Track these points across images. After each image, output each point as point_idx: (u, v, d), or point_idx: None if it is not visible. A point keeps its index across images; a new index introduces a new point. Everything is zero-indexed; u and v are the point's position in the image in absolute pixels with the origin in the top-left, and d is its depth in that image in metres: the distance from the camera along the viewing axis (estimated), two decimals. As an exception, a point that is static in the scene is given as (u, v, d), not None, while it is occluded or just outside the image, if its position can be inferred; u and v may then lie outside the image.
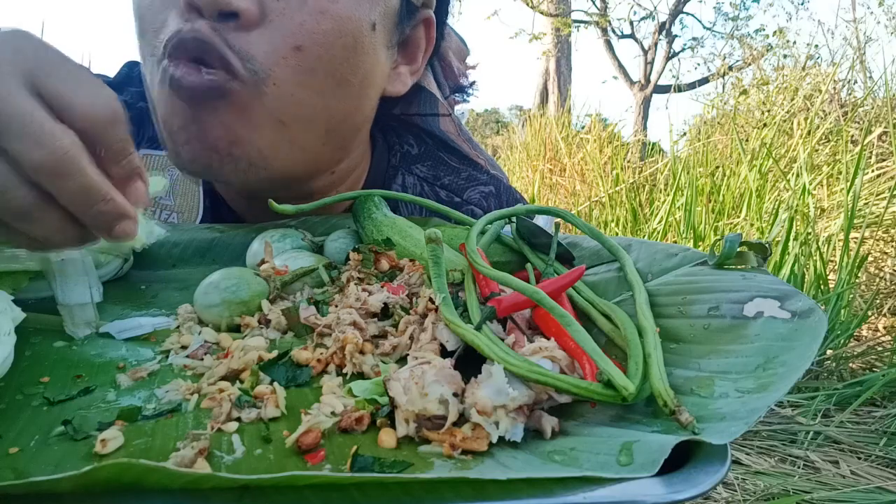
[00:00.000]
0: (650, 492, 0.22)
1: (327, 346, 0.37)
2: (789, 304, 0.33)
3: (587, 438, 0.27)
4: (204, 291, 0.42)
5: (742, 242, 0.39)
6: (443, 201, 0.68)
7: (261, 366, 0.34)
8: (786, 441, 1.39)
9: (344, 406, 0.30)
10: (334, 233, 0.56)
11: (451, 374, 0.30)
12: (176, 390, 0.32)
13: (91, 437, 0.27)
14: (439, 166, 0.70)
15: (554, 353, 0.32)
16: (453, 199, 0.69)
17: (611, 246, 0.45)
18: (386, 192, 0.58)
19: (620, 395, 0.28)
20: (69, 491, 0.21)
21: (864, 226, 2.01)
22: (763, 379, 0.28)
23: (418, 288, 0.44)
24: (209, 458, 0.26)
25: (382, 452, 0.27)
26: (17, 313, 0.37)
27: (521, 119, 5.06)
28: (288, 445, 0.27)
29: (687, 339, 0.35)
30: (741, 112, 3.31)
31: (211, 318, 0.42)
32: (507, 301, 0.36)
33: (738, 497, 1.17)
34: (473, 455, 0.26)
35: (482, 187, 0.70)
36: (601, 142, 3.70)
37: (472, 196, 0.69)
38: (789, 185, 2.31)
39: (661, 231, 2.70)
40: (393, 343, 0.37)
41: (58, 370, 0.35)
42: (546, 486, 0.22)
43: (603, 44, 6.79)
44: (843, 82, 2.95)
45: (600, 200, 3.16)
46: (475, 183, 0.70)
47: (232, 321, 0.41)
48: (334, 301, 0.44)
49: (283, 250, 0.50)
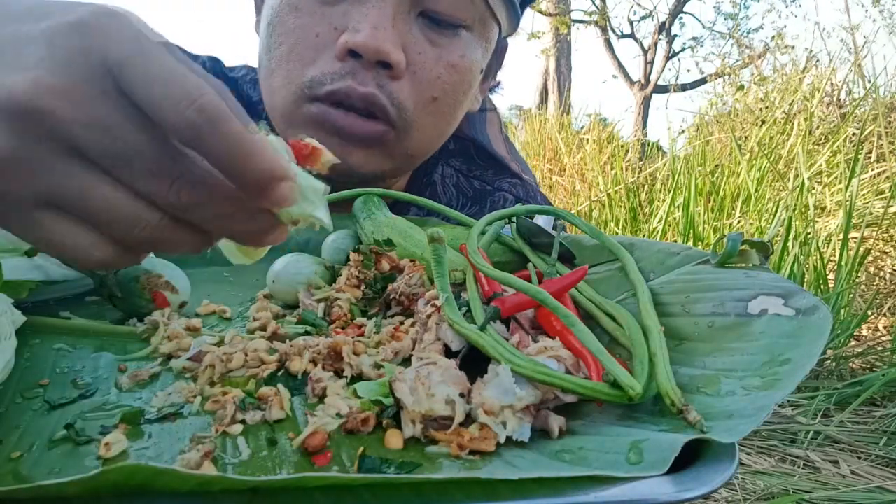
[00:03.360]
0: (660, 490, 0.22)
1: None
2: (793, 301, 0.32)
3: (595, 437, 0.27)
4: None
5: (744, 241, 0.39)
6: (476, 189, 0.77)
7: (264, 380, 0.34)
8: (786, 441, 1.39)
9: (349, 407, 0.30)
10: (333, 233, 0.55)
11: (457, 375, 0.30)
12: (178, 393, 0.32)
13: (94, 440, 0.27)
14: (471, 162, 0.79)
15: (559, 353, 0.32)
16: (485, 188, 0.77)
17: (611, 245, 0.45)
18: (386, 191, 0.58)
19: (627, 395, 0.28)
20: (76, 495, 0.21)
21: (864, 225, 2.02)
22: (769, 376, 0.28)
23: (419, 288, 0.44)
24: (214, 460, 0.25)
25: (389, 453, 0.27)
26: (17, 316, 0.37)
27: (520, 119, 5.06)
28: (294, 447, 0.27)
29: (691, 337, 0.35)
30: (739, 110, 3.32)
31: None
32: (510, 301, 0.36)
33: (739, 497, 1.17)
34: (481, 455, 0.26)
35: (510, 178, 0.78)
36: (601, 141, 3.71)
37: (502, 185, 0.77)
38: (786, 185, 2.31)
39: (660, 231, 2.70)
40: (395, 348, 0.37)
41: (57, 373, 0.34)
42: (556, 486, 0.22)
43: (603, 43, 6.80)
44: (841, 83, 2.96)
45: (600, 200, 3.16)
46: (503, 176, 0.79)
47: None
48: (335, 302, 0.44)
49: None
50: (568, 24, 6.43)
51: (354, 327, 0.41)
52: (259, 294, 0.48)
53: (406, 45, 0.56)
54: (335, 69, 0.55)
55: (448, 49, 0.59)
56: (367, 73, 0.55)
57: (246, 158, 0.25)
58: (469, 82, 0.62)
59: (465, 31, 0.59)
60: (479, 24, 0.60)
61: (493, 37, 0.63)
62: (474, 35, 0.60)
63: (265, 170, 0.25)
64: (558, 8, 6.36)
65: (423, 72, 0.57)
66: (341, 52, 0.54)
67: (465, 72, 0.60)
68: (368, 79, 0.55)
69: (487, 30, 0.62)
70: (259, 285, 0.51)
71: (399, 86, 0.57)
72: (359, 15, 0.54)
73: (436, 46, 0.58)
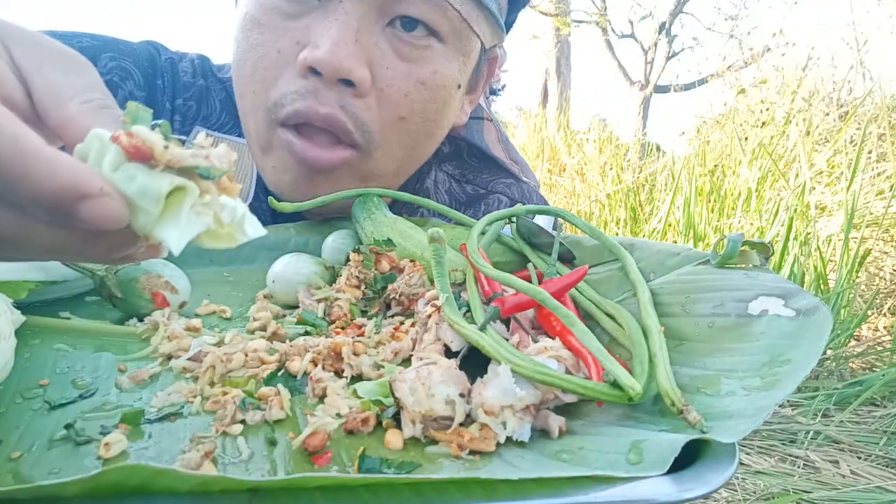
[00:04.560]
0: (661, 490, 0.22)
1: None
2: (794, 301, 0.32)
3: (595, 438, 0.27)
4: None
5: (744, 242, 0.39)
6: (470, 195, 0.74)
7: (265, 380, 0.34)
8: (786, 441, 1.39)
9: (349, 407, 0.30)
10: (333, 233, 0.56)
11: (457, 375, 0.30)
12: (178, 393, 0.32)
13: (94, 440, 0.27)
14: (464, 166, 0.76)
15: (559, 353, 0.32)
16: (479, 192, 0.74)
17: (612, 245, 0.45)
18: (385, 191, 0.58)
19: (627, 395, 0.28)
20: (76, 495, 0.21)
21: (864, 225, 2.02)
22: (769, 377, 0.28)
23: (419, 289, 0.44)
24: (214, 460, 0.25)
25: (389, 453, 0.27)
26: (16, 316, 0.37)
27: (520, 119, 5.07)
28: (294, 447, 0.27)
29: (691, 337, 0.35)
30: (740, 111, 3.32)
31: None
32: (510, 301, 0.36)
33: (739, 497, 1.17)
34: (481, 455, 0.26)
35: (505, 179, 0.76)
36: (601, 142, 3.71)
37: (496, 187, 0.75)
38: (788, 184, 2.31)
39: (660, 231, 2.70)
40: (395, 348, 0.37)
41: (57, 373, 0.34)
42: (556, 486, 0.22)
43: (603, 44, 6.80)
44: (842, 82, 2.96)
45: (600, 200, 3.17)
46: (498, 177, 0.76)
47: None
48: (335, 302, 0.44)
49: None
50: (568, 24, 6.43)
51: (354, 327, 0.41)
52: (259, 294, 0.48)
53: (372, 60, 0.53)
54: (296, 87, 0.52)
55: (419, 64, 0.55)
56: (329, 92, 0.52)
57: (39, 183, 0.21)
58: (443, 99, 0.58)
59: (438, 43, 0.55)
60: (453, 37, 0.56)
61: (471, 50, 0.59)
62: (448, 48, 0.56)
63: (59, 190, 0.21)
64: (558, 8, 6.35)
65: (390, 89, 0.54)
66: (302, 70, 0.52)
67: (438, 89, 0.57)
68: (331, 98, 0.52)
69: (464, 43, 0.58)
70: (259, 285, 0.51)
71: (364, 104, 0.54)
72: (321, 29, 0.51)
73: (405, 61, 0.55)
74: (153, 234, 0.23)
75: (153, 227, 0.22)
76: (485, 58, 0.64)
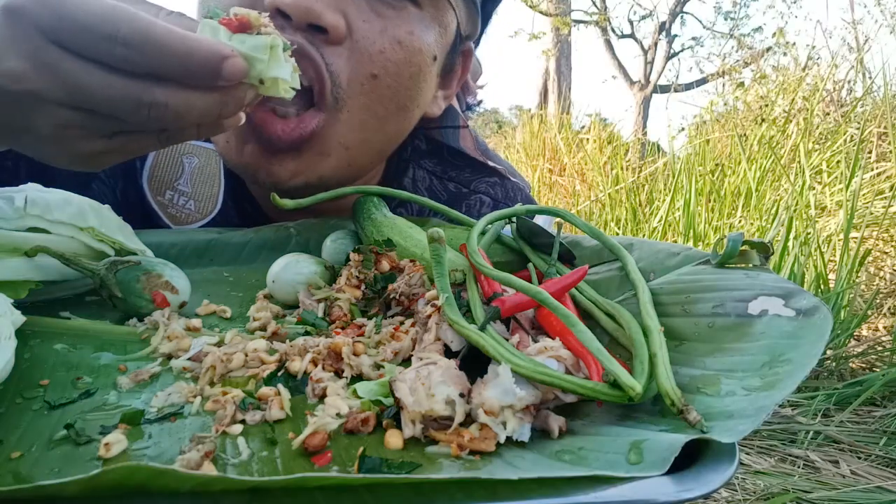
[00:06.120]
0: (661, 490, 0.22)
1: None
2: (794, 301, 0.32)
3: (595, 438, 0.27)
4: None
5: (744, 241, 0.39)
6: (452, 193, 0.72)
7: (265, 380, 0.34)
8: (786, 441, 1.39)
9: (349, 407, 0.30)
10: (333, 233, 0.55)
11: (458, 375, 0.30)
12: (178, 393, 0.32)
13: (94, 441, 0.27)
14: (445, 163, 0.74)
15: (559, 353, 0.32)
16: (461, 190, 0.73)
17: (612, 245, 0.45)
18: (385, 189, 0.58)
19: (627, 395, 0.28)
20: (75, 495, 0.21)
21: (864, 225, 2.02)
22: (769, 377, 0.28)
23: (419, 289, 0.44)
24: (215, 460, 0.25)
25: (389, 454, 0.27)
26: (17, 316, 0.36)
27: (520, 119, 5.07)
28: (294, 447, 0.27)
29: (691, 337, 0.35)
30: (740, 110, 3.32)
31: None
32: (510, 301, 0.36)
33: (739, 497, 1.17)
34: (481, 455, 0.26)
35: (488, 178, 0.74)
36: (601, 141, 3.71)
37: (479, 186, 0.73)
38: (790, 179, 2.31)
39: (660, 230, 2.70)
40: (395, 348, 0.37)
41: (57, 373, 0.34)
42: (557, 486, 0.22)
43: (603, 43, 6.80)
44: (842, 82, 2.96)
45: (600, 200, 3.17)
46: (481, 175, 0.74)
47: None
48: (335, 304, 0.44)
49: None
50: (568, 24, 6.43)
51: (354, 327, 0.41)
52: (259, 294, 0.48)
53: (347, 10, 0.51)
54: None
55: (395, 22, 0.53)
56: (302, 37, 0.49)
57: (186, 58, 0.31)
58: (418, 66, 0.55)
59: (414, 7, 0.54)
60: (429, 5, 0.55)
61: (448, 24, 0.58)
62: (425, 14, 0.55)
63: (206, 59, 0.32)
64: (558, 8, 6.35)
65: (365, 41, 0.51)
66: (271, 12, 0.48)
67: (414, 52, 0.54)
68: (304, 40, 0.50)
69: (441, 13, 0.57)
70: (259, 285, 0.51)
71: (335, 52, 0.51)
72: None
73: (381, 17, 0.52)
74: (268, 75, 0.36)
75: (267, 71, 0.36)
76: (460, 46, 0.63)
